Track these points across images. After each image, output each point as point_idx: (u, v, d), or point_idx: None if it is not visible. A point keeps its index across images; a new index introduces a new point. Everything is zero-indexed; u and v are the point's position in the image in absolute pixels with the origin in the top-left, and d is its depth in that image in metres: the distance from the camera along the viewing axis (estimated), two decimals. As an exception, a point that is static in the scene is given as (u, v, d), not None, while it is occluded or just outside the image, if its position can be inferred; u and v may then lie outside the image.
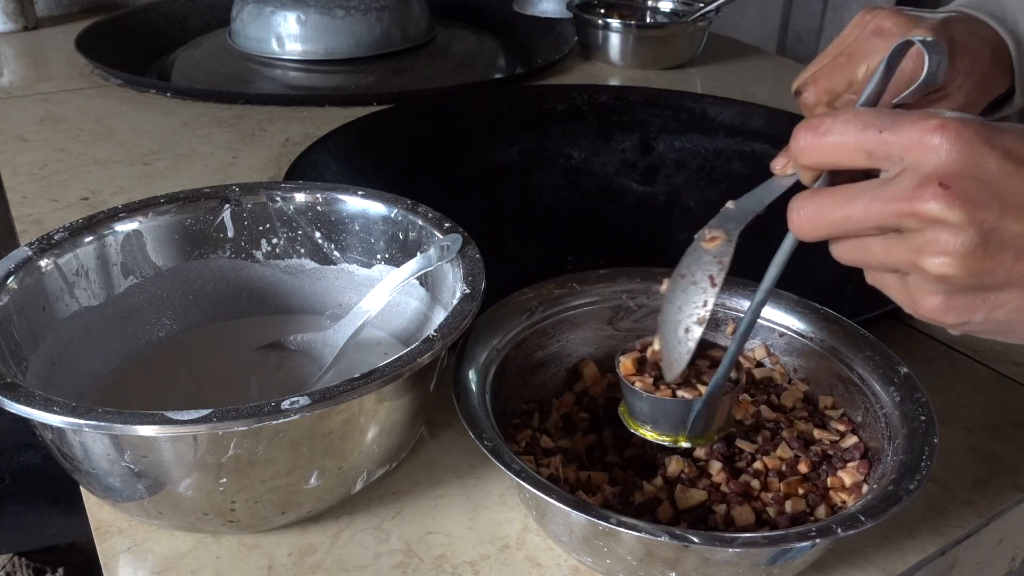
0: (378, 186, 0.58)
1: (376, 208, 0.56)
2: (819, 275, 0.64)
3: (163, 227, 0.55)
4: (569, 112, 0.92)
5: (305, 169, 0.75)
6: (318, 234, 0.58)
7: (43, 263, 0.49)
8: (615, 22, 1.16)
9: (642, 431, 0.45)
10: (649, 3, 1.26)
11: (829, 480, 0.46)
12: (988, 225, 0.32)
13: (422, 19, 1.23)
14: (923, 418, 0.44)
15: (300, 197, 0.57)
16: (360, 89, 1.11)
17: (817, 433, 0.49)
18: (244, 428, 0.38)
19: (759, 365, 0.53)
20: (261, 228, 0.57)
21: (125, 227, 0.53)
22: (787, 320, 0.52)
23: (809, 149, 0.36)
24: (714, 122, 0.90)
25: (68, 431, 0.40)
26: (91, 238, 0.52)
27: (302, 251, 0.58)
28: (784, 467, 0.47)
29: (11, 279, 0.47)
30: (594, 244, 0.87)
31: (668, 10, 1.24)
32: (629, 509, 0.45)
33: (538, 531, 0.46)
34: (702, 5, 1.19)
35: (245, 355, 0.56)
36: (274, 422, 0.38)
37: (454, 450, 0.52)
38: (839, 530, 0.37)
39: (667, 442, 0.45)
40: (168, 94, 1.02)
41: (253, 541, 0.45)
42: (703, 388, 0.46)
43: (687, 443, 0.44)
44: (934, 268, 0.33)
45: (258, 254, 0.58)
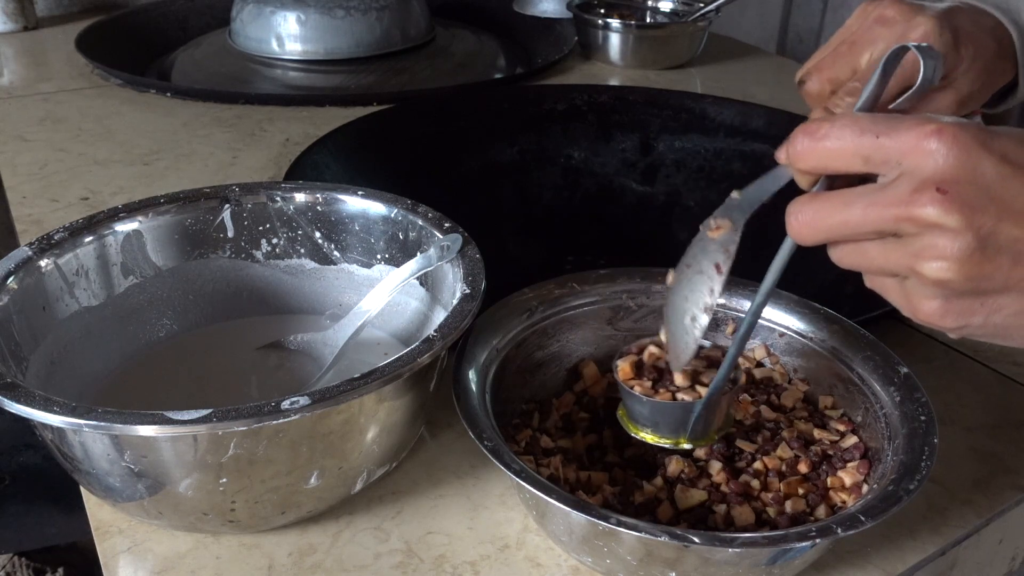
0: (378, 186, 0.58)
1: (376, 208, 0.56)
2: (819, 276, 0.64)
3: (163, 227, 0.55)
4: (569, 112, 0.92)
5: (305, 169, 0.75)
6: (318, 234, 0.58)
7: (43, 263, 0.49)
8: (615, 22, 1.16)
9: (642, 434, 0.45)
10: (649, 3, 1.26)
11: (829, 480, 0.46)
12: (985, 229, 0.32)
13: (422, 19, 1.23)
14: (923, 418, 0.44)
15: (300, 197, 0.57)
16: (360, 89, 1.11)
17: (817, 433, 0.49)
18: (244, 428, 0.38)
19: (759, 365, 0.53)
20: (261, 228, 0.57)
21: (125, 227, 0.53)
22: (787, 320, 0.52)
23: (806, 154, 0.36)
24: (714, 122, 0.90)
25: (68, 431, 0.40)
26: (91, 238, 0.52)
27: (302, 251, 0.58)
28: (784, 467, 0.47)
29: (11, 279, 0.47)
30: (594, 244, 0.87)
31: (668, 10, 1.24)
32: (629, 509, 0.45)
33: (538, 531, 0.46)
34: (702, 5, 1.19)
35: (245, 355, 0.56)
36: (274, 422, 0.38)
37: (454, 450, 0.52)
38: (839, 530, 0.37)
39: (668, 444, 0.45)
40: (168, 94, 1.02)
41: (253, 541, 0.45)
42: (702, 390, 0.46)
43: (688, 445, 0.45)
44: (932, 272, 0.33)
45: (258, 254, 0.58)
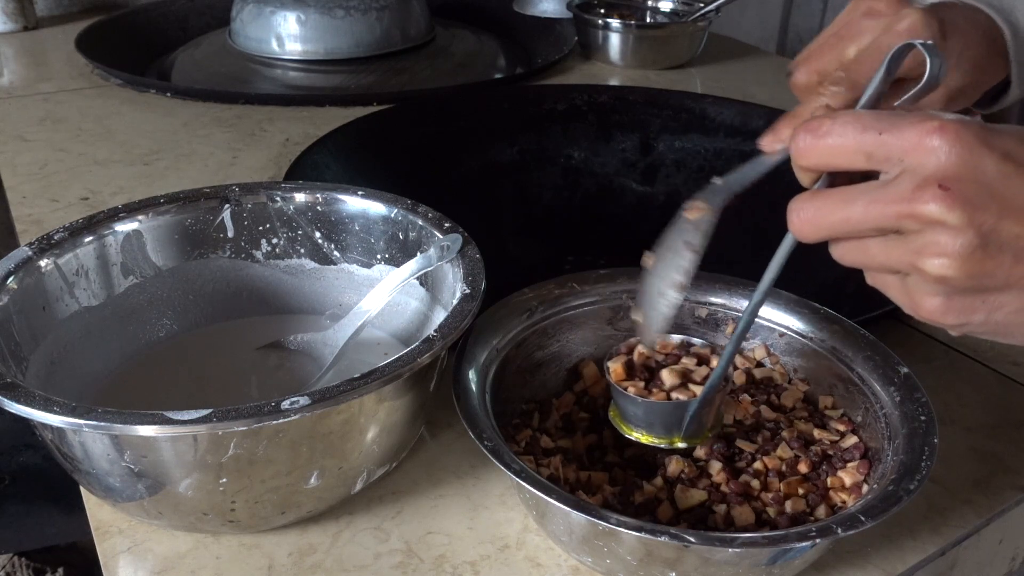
0: (378, 186, 0.58)
1: (376, 208, 0.56)
2: (819, 275, 0.64)
3: (163, 227, 0.55)
4: (569, 112, 0.92)
5: (305, 169, 0.75)
6: (318, 234, 0.58)
7: (43, 263, 0.49)
8: (615, 22, 1.16)
9: (635, 435, 0.45)
10: (649, 3, 1.26)
11: (829, 480, 0.46)
12: (987, 227, 0.32)
13: (422, 19, 1.23)
14: (923, 418, 0.44)
15: (300, 197, 0.57)
16: (360, 89, 1.11)
17: (817, 433, 0.49)
18: (244, 428, 0.38)
19: (759, 365, 0.53)
20: (261, 228, 0.57)
21: (125, 227, 0.53)
22: (787, 320, 0.52)
23: (809, 151, 0.36)
24: (714, 122, 0.90)
25: (68, 431, 0.40)
26: (91, 238, 0.52)
27: (302, 251, 0.58)
28: (784, 467, 0.47)
29: (11, 279, 0.47)
30: (594, 244, 0.87)
31: (668, 10, 1.24)
32: (629, 509, 0.45)
33: (538, 531, 0.46)
34: (702, 5, 1.19)
35: (245, 355, 0.56)
36: (274, 422, 0.38)
37: (454, 450, 0.52)
38: (839, 530, 0.37)
39: (662, 444, 0.45)
40: (168, 94, 1.02)
41: (253, 541, 0.45)
42: (695, 388, 0.46)
43: (683, 444, 0.45)
44: (933, 269, 0.33)
45: (258, 254, 0.58)
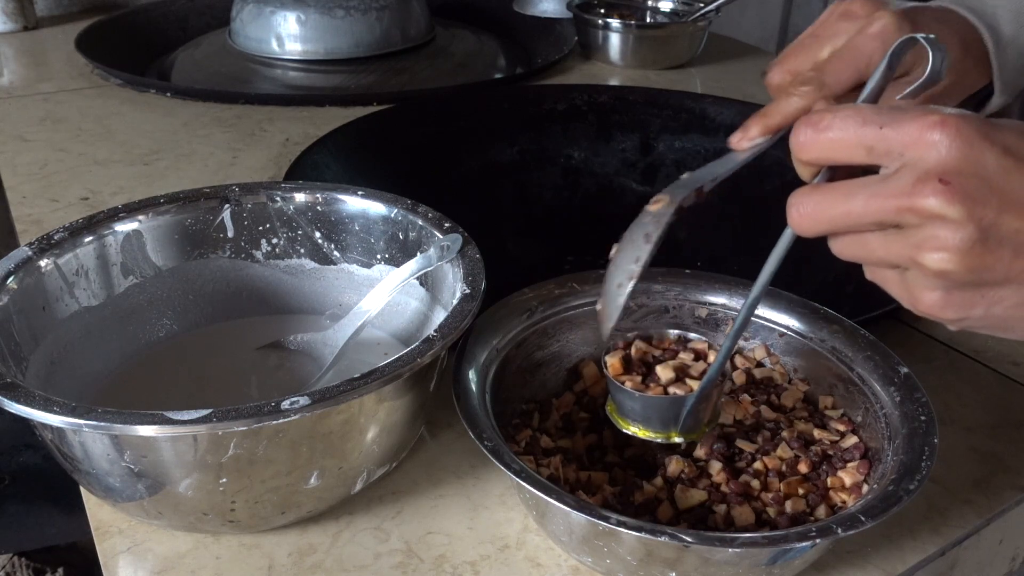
0: (378, 186, 0.58)
1: (376, 208, 0.56)
2: (819, 275, 0.64)
3: (163, 227, 0.55)
4: (569, 112, 0.92)
5: (305, 169, 0.75)
6: (318, 234, 0.58)
7: (43, 263, 0.49)
8: (615, 22, 1.16)
9: (632, 429, 0.45)
10: (649, 3, 1.26)
11: (829, 480, 0.46)
12: (987, 221, 0.32)
13: (422, 19, 1.23)
14: (923, 418, 0.44)
15: (300, 197, 0.57)
16: (360, 89, 1.11)
17: (817, 433, 0.49)
18: (244, 428, 0.38)
19: (759, 365, 0.53)
20: (261, 228, 0.57)
21: (125, 227, 0.53)
22: (787, 320, 0.52)
23: (809, 145, 0.36)
24: (714, 122, 0.90)
25: (68, 431, 0.40)
26: (91, 238, 0.52)
27: (302, 251, 0.58)
28: (784, 467, 0.47)
29: (11, 279, 0.47)
30: (594, 244, 0.87)
31: (668, 10, 1.24)
32: (629, 509, 0.45)
33: (538, 531, 0.46)
34: (702, 5, 1.19)
35: (245, 355, 0.56)
36: (274, 422, 0.38)
37: (454, 450, 0.52)
38: (839, 530, 0.37)
39: (659, 439, 0.45)
40: (168, 94, 1.02)
41: (253, 541, 0.45)
42: (692, 383, 0.46)
43: (679, 439, 0.45)
44: (933, 264, 0.33)
45: (258, 254, 0.58)
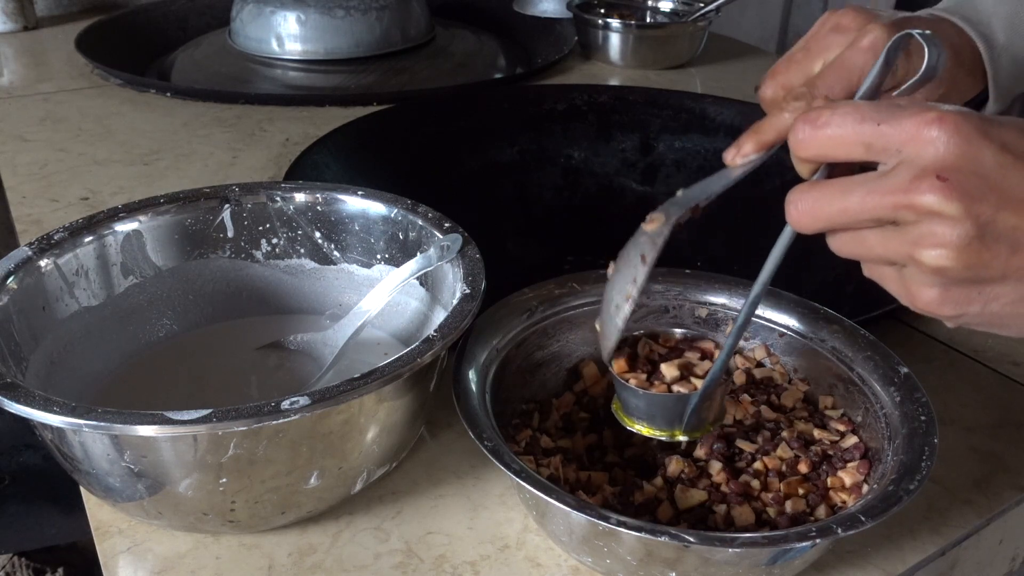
0: (378, 186, 0.58)
1: (376, 208, 0.56)
2: (819, 275, 0.64)
3: (163, 227, 0.55)
4: (569, 112, 0.92)
5: (305, 169, 0.75)
6: (318, 234, 0.58)
7: (43, 263, 0.49)
8: (615, 22, 1.16)
9: (637, 427, 0.45)
10: (649, 3, 1.26)
11: (829, 480, 0.46)
12: (984, 218, 0.32)
13: (422, 19, 1.23)
14: (923, 418, 0.44)
15: (300, 197, 0.57)
16: (360, 89, 1.11)
17: (817, 433, 0.49)
18: (244, 428, 0.38)
19: (759, 365, 0.53)
20: (261, 228, 0.57)
21: (125, 227, 0.53)
22: (787, 320, 0.52)
23: (808, 142, 0.36)
24: (714, 122, 0.90)
25: (68, 431, 0.40)
26: (91, 238, 0.52)
27: (302, 251, 0.58)
28: (784, 467, 0.47)
29: (11, 279, 0.47)
30: (594, 244, 0.87)
31: (668, 10, 1.24)
32: (629, 509, 0.45)
33: (538, 531, 0.46)
34: (702, 5, 1.19)
35: (245, 355, 0.56)
36: (274, 422, 0.38)
37: (454, 450, 0.52)
38: (839, 530, 0.37)
39: (663, 437, 0.45)
40: (168, 94, 1.02)
41: (253, 541, 0.45)
42: (696, 381, 0.46)
43: (683, 436, 0.44)
44: (931, 260, 0.33)
45: (258, 254, 0.58)
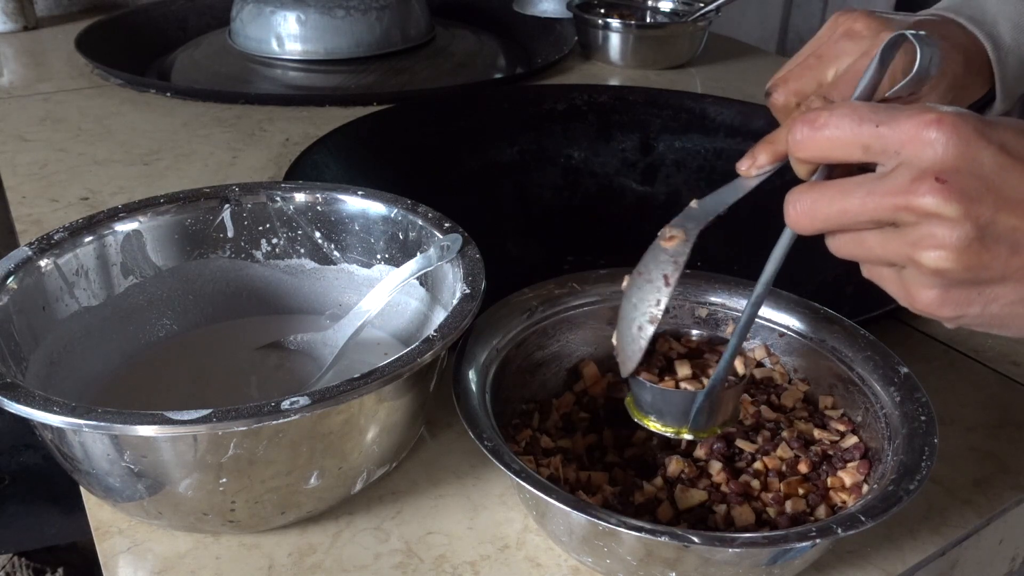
0: (378, 186, 0.58)
1: (376, 208, 0.56)
2: (819, 275, 0.64)
3: (163, 227, 0.55)
4: (569, 112, 0.92)
5: (305, 169, 0.75)
6: (318, 234, 0.58)
7: (43, 263, 0.49)
8: (615, 22, 1.16)
9: (646, 421, 0.45)
10: (649, 3, 1.26)
11: (829, 480, 0.46)
12: (984, 219, 0.32)
13: (422, 19, 1.23)
14: (923, 418, 0.44)
15: (300, 197, 0.57)
16: (360, 89, 1.11)
17: (817, 433, 0.49)
18: (244, 428, 0.38)
19: (759, 365, 0.53)
20: (261, 228, 0.57)
21: (125, 227, 0.53)
22: (787, 320, 0.52)
23: (806, 143, 0.36)
24: (714, 122, 0.90)
25: (68, 431, 0.40)
26: (91, 238, 0.52)
27: (302, 251, 0.58)
28: (784, 467, 0.47)
29: (11, 279, 0.47)
30: (594, 244, 0.87)
31: (668, 10, 1.24)
32: (629, 509, 0.45)
33: (538, 531, 0.46)
34: (702, 5, 1.19)
35: (245, 355, 0.56)
36: (274, 422, 0.38)
37: (454, 450, 0.52)
38: (839, 530, 0.37)
39: (670, 433, 0.44)
40: (168, 94, 1.02)
41: (253, 541, 0.45)
42: (707, 382, 0.46)
43: (689, 435, 0.44)
44: (930, 262, 0.33)
45: (258, 254, 0.58)
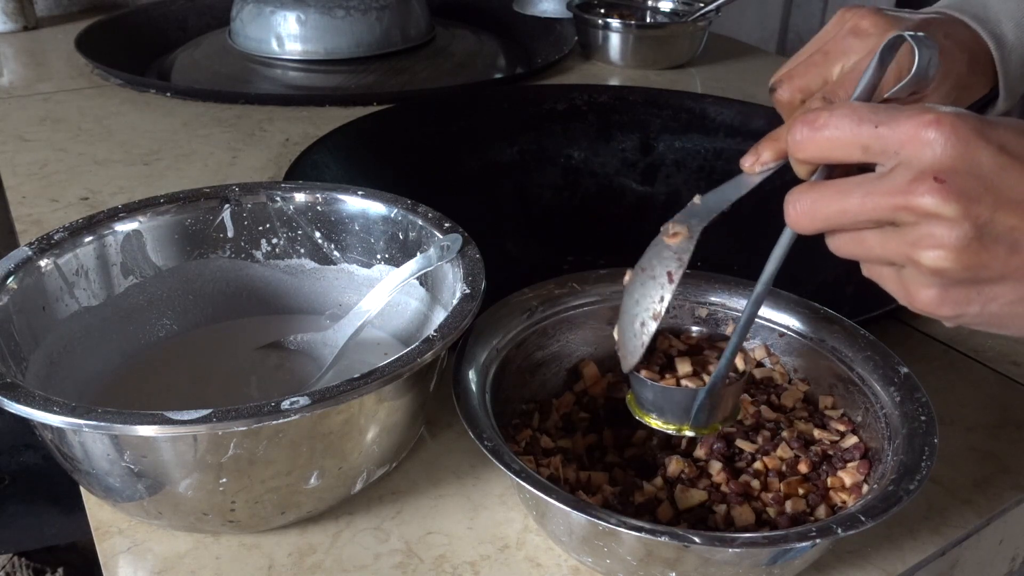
0: (378, 186, 0.58)
1: (376, 208, 0.56)
2: (819, 275, 0.64)
3: (163, 227, 0.55)
4: (569, 112, 0.92)
5: (305, 169, 0.75)
6: (318, 234, 0.58)
7: (43, 263, 0.49)
8: (615, 22, 1.16)
9: (648, 419, 0.45)
10: (649, 3, 1.26)
11: (829, 480, 0.46)
12: (982, 219, 0.32)
13: (422, 19, 1.23)
14: (923, 418, 0.44)
15: (300, 197, 0.57)
16: (360, 89, 1.11)
17: (817, 433, 0.49)
18: (244, 428, 0.38)
19: (759, 365, 0.53)
20: (261, 228, 0.57)
21: (125, 227, 0.53)
22: (787, 320, 0.52)
23: (806, 143, 0.36)
24: (714, 122, 0.90)
25: (68, 431, 0.40)
26: (91, 238, 0.52)
27: (302, 251, 0.58)
28: (784, 467, 0.47)
29: (11, 279, 0.47)
30: (594, 244, 0.87)
31: (668, 10, 1.24)
32: (629, 509, 0.45)
33: (538, 531, 0.46)
34: (702, 5, 1.19)
35: (245, 355, 0.56)
36: (274, 422, 0.38)
37: (454, 450, 0.52)
38: (839, 530, 0.37)
39: (671, 431, 0.45)
40: (168, 94, 1.02)
41: (253, 541, 0.45)
42: (708, 379, 0.46)
43: (691, 432, 0.44)
44: (929, 261, 0.33)
45: (258, 254, 0.58)
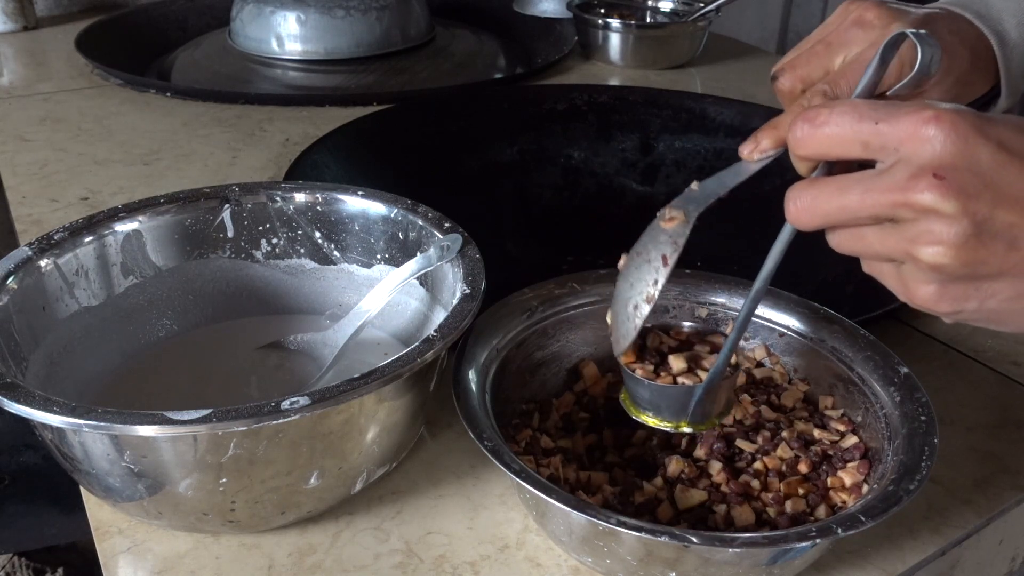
0: (378, 186, 0.58)
1: (376, 208, 0.56)
2: (819, 275, 0.64)
3: (163, 227, 0.55)
4: (569, 112, 0.92)
5: (305, 169, 0.75)
6: (318, 234, 0.58)
7: (43, 263, 0.49)
8: (615, 22, 1.16)
9: (644, 417, 0.45)
10: (649, 3, 1.26)
11: (829, 480, 0.46)
12: (981, 216, 0.32)
13: (422, 19, 1.23)
14: (923, 418, 0.44)
15: (300, 197, 0.57)
16: (360, 89, 1.11)
17: (817, 433, 0.49)
18: (244, 428, 0.38)
19: (759, 365, 0.53)
20: (261, 228, 0.57)
21: (125, 227, 0.53)
22: (787, 320, 0.52)
23: (806, 140, 0.36)
24: (714, 122, 0.90)
25: (68, 431, 0.40)
26: (91, 238, 0.52)
27: (302, 251, 0.58)
28: (784, 467, 0.47)
29: (11, 279, 0.47)
30: (594, 244, 0.87)
31: (668, 10, 1.24)
32: (629, 509, 0.45)
33: (538, 531, 0.46)
34: (702, 5, 1.19)
35: (245, 355, 0.56)
36: (274, 422, 0.38)
37: (454, 450, 0.52)
38: (839, 530, 0.37)
39: (669, 428, 0.45)
40: (168, 94, 1.03)
41: (253, 541, 0.45)
42: (703, 374, 0.46)
43: (688, 428, 0.45)
44: (928, 258, 0.33)
45: (258, 254, 0.58)
